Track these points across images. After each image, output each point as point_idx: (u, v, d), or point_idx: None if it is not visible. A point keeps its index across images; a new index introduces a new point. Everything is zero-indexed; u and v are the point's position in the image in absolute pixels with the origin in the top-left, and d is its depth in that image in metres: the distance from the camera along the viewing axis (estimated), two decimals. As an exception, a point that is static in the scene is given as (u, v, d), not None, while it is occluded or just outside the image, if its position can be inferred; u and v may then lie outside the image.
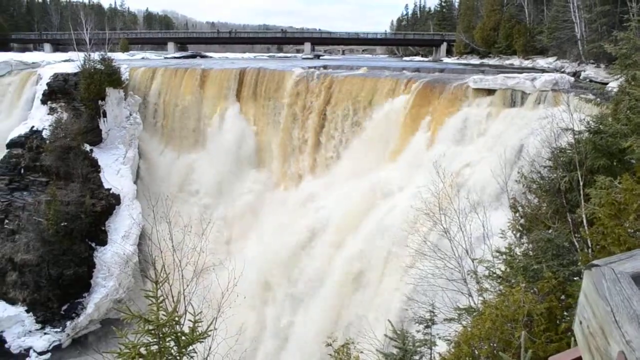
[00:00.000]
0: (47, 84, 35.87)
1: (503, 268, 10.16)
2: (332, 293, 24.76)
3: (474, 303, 10.18)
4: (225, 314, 8.04)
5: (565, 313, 8.42)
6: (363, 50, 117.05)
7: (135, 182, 35.11)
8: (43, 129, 33.52)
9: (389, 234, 23.08)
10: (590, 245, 9.40)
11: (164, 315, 5.94)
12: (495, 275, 10.21)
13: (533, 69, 36.60)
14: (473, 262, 10.95)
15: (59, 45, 70.68)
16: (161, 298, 6.08)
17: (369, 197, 26.47)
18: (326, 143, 32.50)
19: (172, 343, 5.96)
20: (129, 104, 37.27)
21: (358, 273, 24.10)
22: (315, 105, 33.31)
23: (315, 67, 37.21)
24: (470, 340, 7.77)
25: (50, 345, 28.67)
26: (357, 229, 25.54)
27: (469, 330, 8.15)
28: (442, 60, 61.19)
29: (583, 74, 30.51)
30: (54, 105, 35.15)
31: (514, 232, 12.15)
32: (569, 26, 35.82)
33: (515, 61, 46.82)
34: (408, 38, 78.39)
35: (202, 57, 68.12)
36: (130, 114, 37.03)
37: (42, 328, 29.37)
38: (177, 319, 5.99)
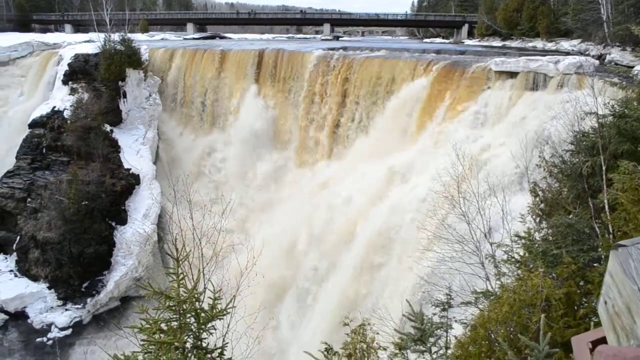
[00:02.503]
0: (68, 65, 36.23)
1: (522, 252, 10.11)
2: (349, 275, 24.86)
3: (492, 287, 10.15)
4: (243, 292, 8.14)
5: (584, 299, 8.36)
6: (383, 32, 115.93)
7: (154, 163, 35.44)
8: (64, 109, 33.92)
9: (406, 216, 23.06)
10: (611, 231, 9.28)
11: (184, 292, 6.04)
12: (513, 259, 10.16)
13: (556, 52, 35.95)
14: (491, 246, 10.89)
15: (79, 26, 71.11)
16: (181, 275, 6.17)
17: (387, 179, 26.42)
18: (345, 125, 32.40)
19: (192, 319, 6.06)
20: (149, 84, 37.48)
21: (375, 255, 24.15)
22: (334, 87, 33.16)
23: (334, 49, 36.93)
24: (486, 323, 7.74)
25: (71, 321, 29.30)
26: (375, 211, 25.54)
27: (486, 314, 8.12)
28: (463, 42, 60.36)
29: (608, 57, 29.88)
30: (74, 85, 35.51)
31: (534, 216, 12.07)
32: (595, 7, 35.02)
33: (539, 43, 45.97)
34: (429, 19, 77.27)
35: (221, 38, 67.99)
36: (150, 95, 37.28)
37: (64, 304, 30.00)
38: (197, 295, 6.08)
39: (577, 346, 2.10)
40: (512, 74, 24.90)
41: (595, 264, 8.76)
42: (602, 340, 1.99)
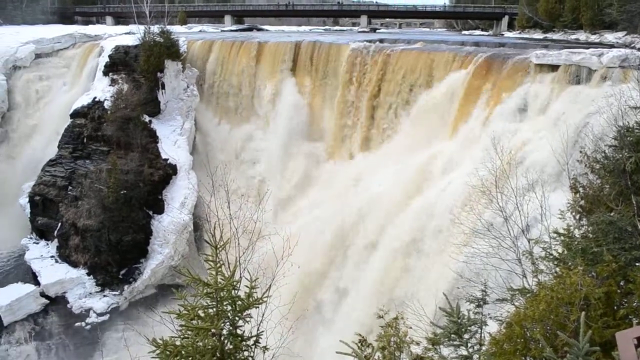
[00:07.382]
0: (109, 56, 36.99)
1: (560, 250, 9.89)
2: (382, 269, 24.78)
3: (528, 284, 9.97)
4: (279, 282, 8.23)
5: (624, 299, 8.14)
6: (421, 24, 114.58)
7: (191, 153, 35.94)
8: (104, 99, 34.68)
9: (443, 210, 22.83)
10: (655, 230, 9.01)
11: (221, 279, 6.13)
12: (551, 256, 9.94)
13: (600, 44, 34.96)
14: (529, 242, 10.70)
15: (120, 18, 72.41)
16: (219, 263, 6.27)
17: (423, 172, 26.18)
18: (381, 117, 32.21)
19: (229, 307, 6.16)
20: (187, 76, 37.97)
21: (410, 249, 24.00)
22: (370, 80, 32.97)
23: (371, 41, 36.68)
24: (522, 321, 7.63)
25: (109, 307, 30.10)
26: (411, 204, 25.35)
27: (522, 311, 7.99)
28: (503, 35, 59.25)
29: (655, 50, 28.86)
30: (115, 76, 36.25)
31: (574, 213, 11.79)
32: (642, -1, 33.88)
33: (581, 36, 44.80)
34: (468, 11, 75.88)
35: (259, 30, 68.42)
36: (188, 86, 37.77)
37: (102, 290, 30.86)
38: (234, 283, 6.16)
39: (622, 342, 2.06)
40: (554, 67, 24.32)
41: (637, 263, 8.51)
42: (649, 338, 1.95)
